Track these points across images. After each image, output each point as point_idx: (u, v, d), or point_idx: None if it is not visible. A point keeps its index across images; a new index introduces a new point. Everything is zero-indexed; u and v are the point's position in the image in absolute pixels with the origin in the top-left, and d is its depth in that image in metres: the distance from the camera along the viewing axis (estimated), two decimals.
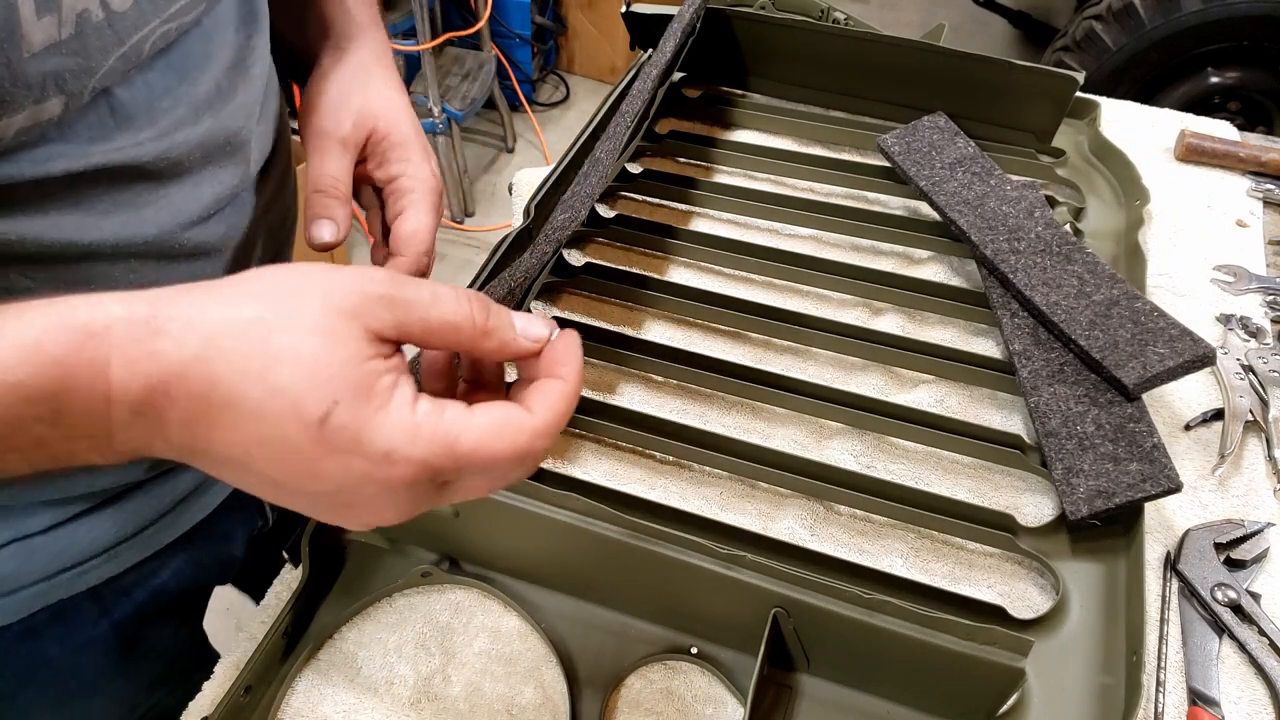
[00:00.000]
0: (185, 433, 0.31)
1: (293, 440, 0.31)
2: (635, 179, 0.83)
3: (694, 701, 0.51)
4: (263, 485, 0.33)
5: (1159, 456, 0.57)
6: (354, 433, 0.31)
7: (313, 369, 0.30)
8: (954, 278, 0.76)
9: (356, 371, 0.31)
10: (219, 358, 0.30)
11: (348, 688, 0.51)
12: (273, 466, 0.31)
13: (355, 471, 0.31)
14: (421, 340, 0.33)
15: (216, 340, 0.30)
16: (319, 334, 0.31)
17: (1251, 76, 1.93)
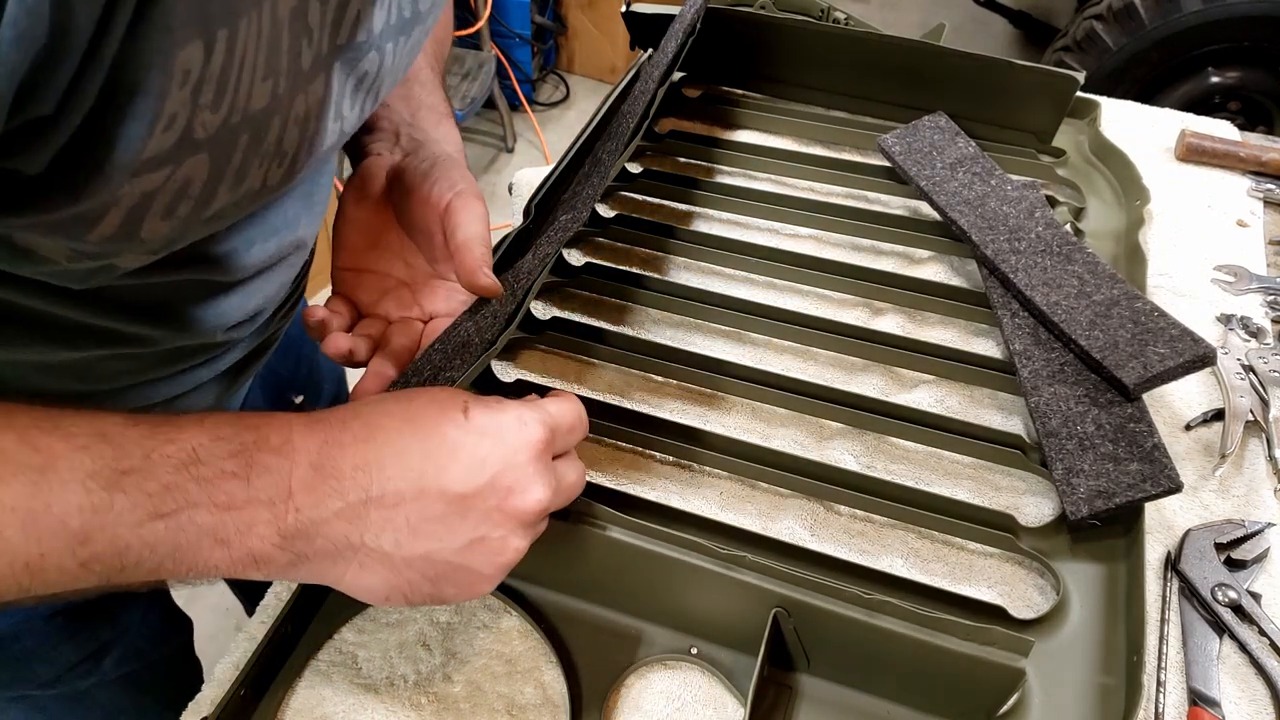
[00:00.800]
0: (359, 479, 0.39)
1: (451, 438, 0.41)
2: (635, 179, 0.83)
3: (694, 702, 0.51)
4: (432, 523, 0.40)
5: (1159, 456, 0.57)
6: (491, 413, 0.42)
7: (438, 394, 0.43)
8: (954, 278, 0.76)
9: (467, 393, 0.43)
10: (370, 410, 0.41)
11: (348, 688, 0.51)
12: (444, 477, 0.40)
13: (505, 444, 0.41)
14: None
15: (363, 406, 0.41)
16: (433, 386, 0.45)
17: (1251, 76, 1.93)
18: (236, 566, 0.36)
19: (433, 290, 0.57)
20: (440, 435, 0.40)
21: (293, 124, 0.42)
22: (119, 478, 0.33)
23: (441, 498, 0.40)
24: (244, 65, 0.36)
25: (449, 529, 0.40)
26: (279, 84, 0.39)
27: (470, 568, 0.42)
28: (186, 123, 0.35)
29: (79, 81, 0.31)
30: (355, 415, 0.40)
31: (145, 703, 0.69)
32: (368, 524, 0.39)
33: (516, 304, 0.63)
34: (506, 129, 2.60)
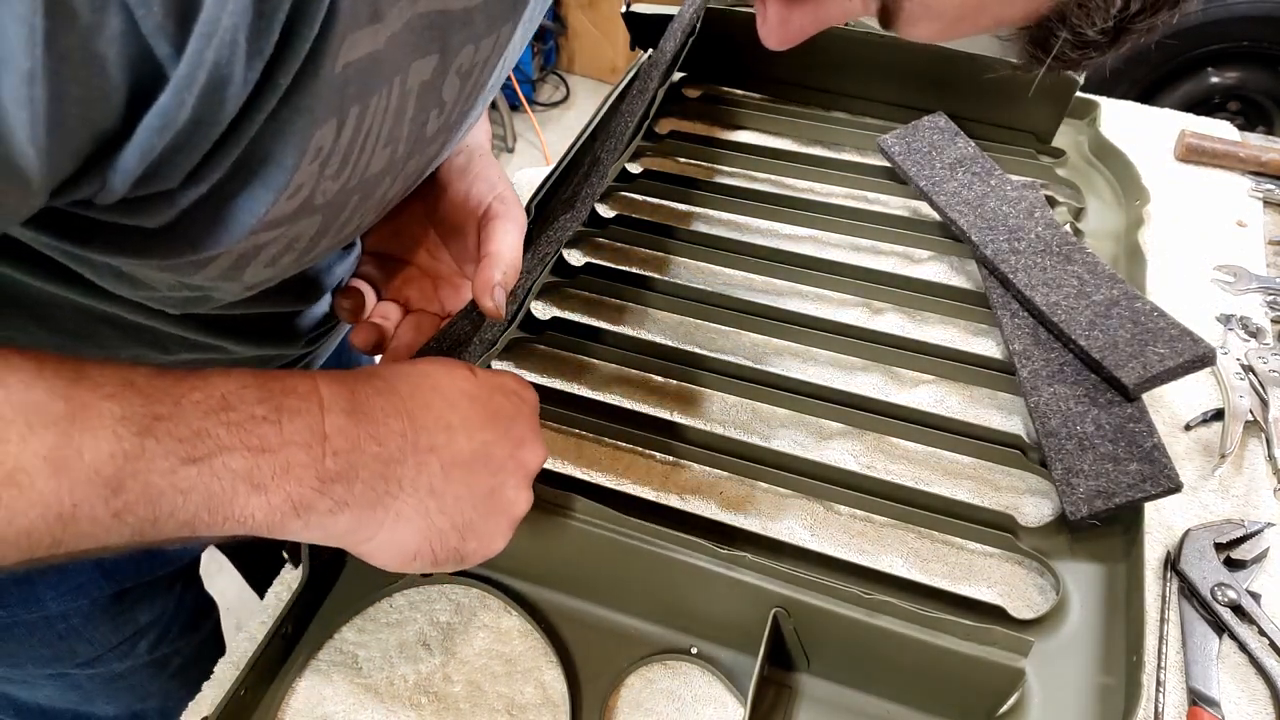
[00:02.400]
0: (394, 424, 0.40)
1: (467, 390, 0.43)
2: (635, 179, 0.83)
3: (694, 701, 0.51)
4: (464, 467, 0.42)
5: (1159, 456, 0.57)
6: (491, 374, 0.46)
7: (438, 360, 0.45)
8: (954, 278, 0.76)
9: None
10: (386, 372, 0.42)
11: (348, 688, 0.51)
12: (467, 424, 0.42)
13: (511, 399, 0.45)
14: None
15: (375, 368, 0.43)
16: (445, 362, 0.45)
17: (1251, 76, 1.93)
18: (275, 515, 0.35)
19: (455, 289, 0.57)
20: (457, 388, 0.43)
21: (401, 180, 0.43)
22: (150, 424, 0.32)
23: (470, 442, 0.42)
24: (369, 137, 0.37)
25: (475, 475, 0.42)
26: (398, 150, 0.40)
27: (490, 519, 0.43)
28: (310, 192, 0.36)
29: (210, 159, 0.31)
30: (373, 374, 0.41)
31: (171, 686, 0.70)
32: (405, 467, 0.39)
33: (517, 304, 0.62)
34: (506, 129, 2.60)
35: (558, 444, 0.63)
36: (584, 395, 0.65)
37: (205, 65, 0.27)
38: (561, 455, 0.62)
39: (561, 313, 0.72)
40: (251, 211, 0.34)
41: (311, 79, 0.31)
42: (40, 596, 0.58)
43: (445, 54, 0.38)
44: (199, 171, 0.31)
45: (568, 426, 0.63)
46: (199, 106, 0.28)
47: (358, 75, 0.33)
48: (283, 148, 0.32)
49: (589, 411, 0.63)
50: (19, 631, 0.60)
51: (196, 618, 0.72)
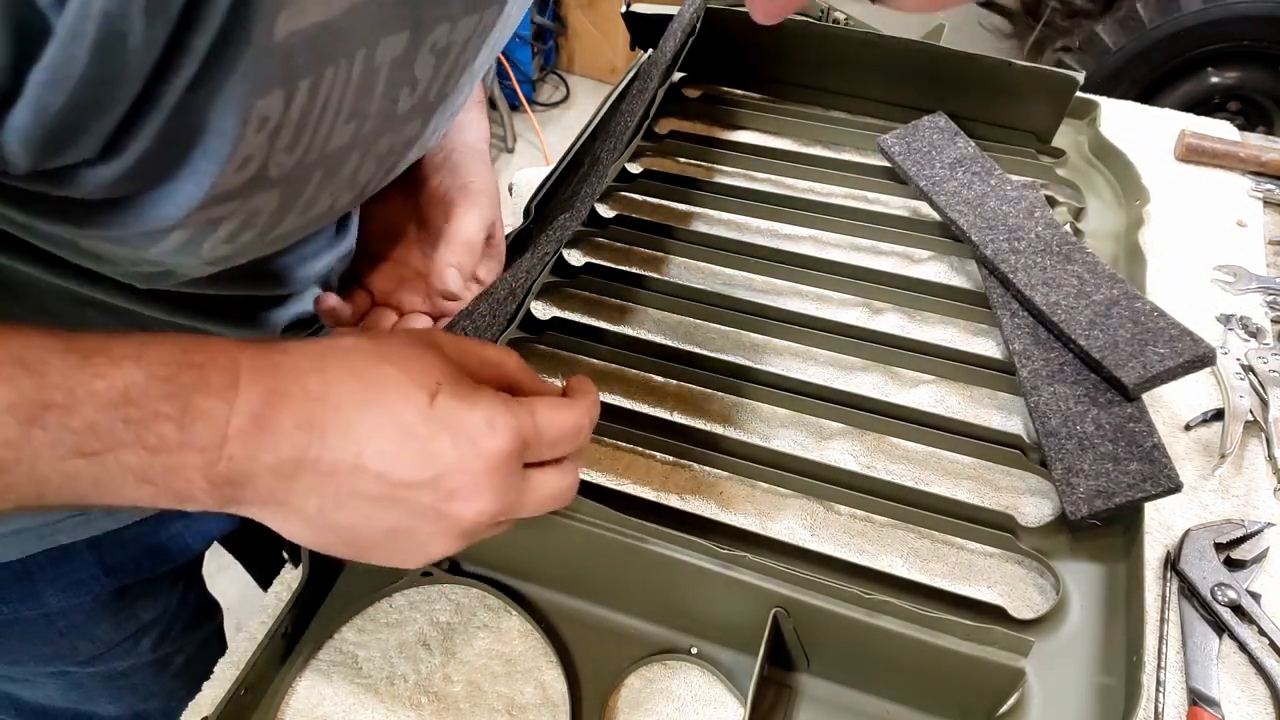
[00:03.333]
0: (299, 439, 0.35)
1: (406, 422, 0.36)
2: (635, 179, 0.83)
3: (694, 701, 0.51)
4: (360, 500, 0.36)
5: (1159, 456, 0.57)
6: (460, 406, 0.36)
7: (414, 365, 0.37)
8: (954, 278, 0.76)
9: (450, 365, 0.38)
10: (334, 365, 0.36)
11: (348, 688, 0.51)
12: (384, 460, 0.36)
13: (463, 444, 0.36)
14: (476, 373, 0.40)
15: (329, 354, 0.37)
16: (413, 345, 0.38)
17: (1251, 76, 1.93)
18: (160, 501, 0.34)
19: None
20: (394, 414, 0.36)
21: (372, 158, 0.42)
22: (39, 412, 0.30)
23: (377, 480, 0.36)
24: (326, 110, 0.35)
25: (376, 511, 0.37)
26: (364, 126, 0.39)
27: (393, 554, 0.39)
28: (261, 164, 0.35)
29: (130, 127, 0.30)
30: (316, 366, 0.36)
31: (174, 686, 0.70)
32: (295, 486, 0.36)
33: (516, 304, 0.62)
34: (506, 129, 2.60)
35: None
36: None
37: (93, 16, 0.26)
38: None
39: (561, 313, 0.72)
40: (196, 183, 0.33)
41: (243, 45, 0.30)
42: (40, 593, 0.58)
43: (417, 31, 0.37)
44: (120, 140, 0.30)
45: None
46: (94, 62, 0.27)
47: (306, 45, 0.32)
48: (219, 117, 0.31)
49: None
50: (20, 628, 0.60)
51: (199, 617, 0.72)
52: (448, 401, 0.36)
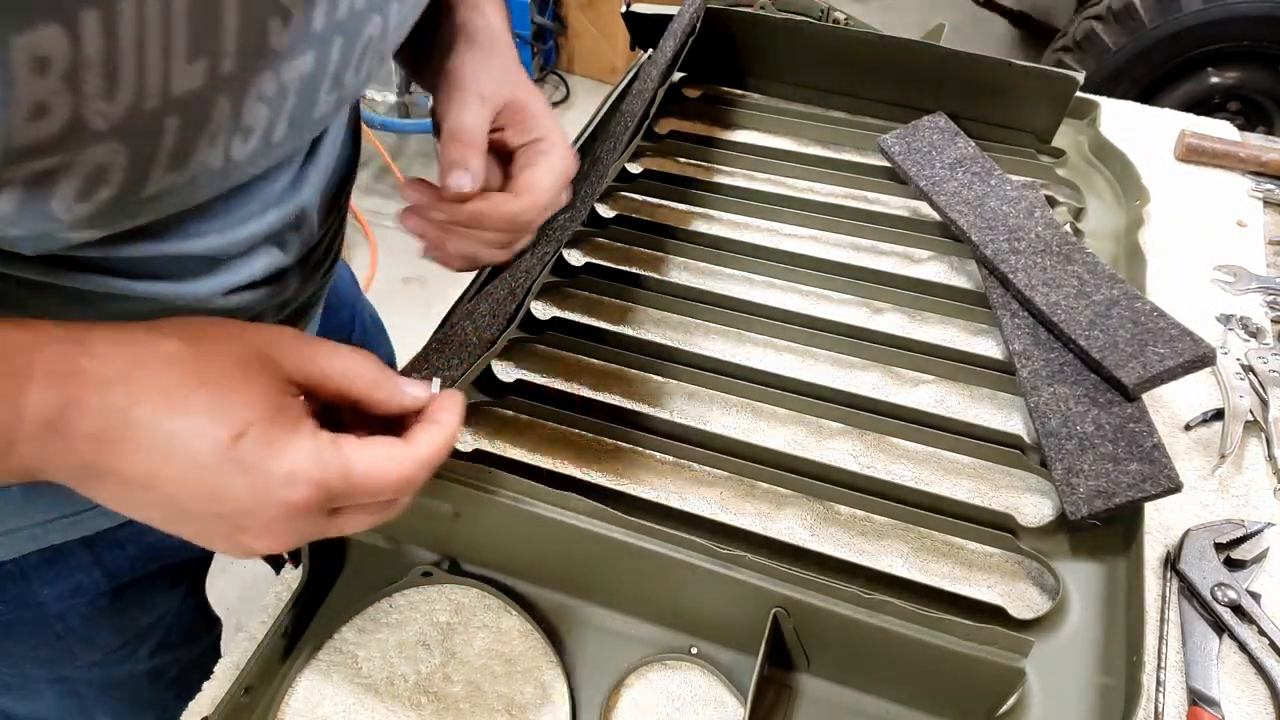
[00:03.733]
0: (91, 448, 0.34)
1: (203, 458, 0.34)
2: (635, 179, 0.83)
3: (694, 701, 0.51)
4: (157, 507, 0.36)
5: (1159, 456, 0.57)
6: (263, 453, 0.34)
7: (231, 395, 0.35)
8: (954, 278, 0.76)
9: (271, 400, 0.35)
10: (142, 380, 0.34)
11: (348, 688, 0.51)
12: (175, 485, 0.34)
13: (258, 491, 0.35)
14: (320, 388, 0.38)
15: (143, 364, 0.34)
16: (240, 367, 0.35)
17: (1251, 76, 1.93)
18: None
19: None
20: (192, 450, 0.34)
21: (258, 101, 0.39)
22: None
23: (168, 503, 0.35)
24: (145, 49, 0.32)
25: (173, 521, 0.36)
26: (219, 64, 0.35)
27: (203, 542, 0.38)
28: (71, 113, 0.32)
29: None
30: (123, 378, 0.34)
31: (167, 699, 0.69)
32: (92, 485, 0.35)
33: (516, 304, 0.62)
34: None
35: (558, 444, 0.63)
36: (584, 395, 0.65)
37: None
38: (561, 455, 0.62)
39: (561, 313, 0.72)
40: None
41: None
42: (36, 594, 0.58)
43: None
44: None
45: (568, 426, 0.63)
46: None
47: None
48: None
49: (589, 411, 0.63)
50: (18, 630, 0.59)
51: (198, 628, 0.71)
52: (252, 447, 0.34)
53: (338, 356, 0.39)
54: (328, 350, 0.39)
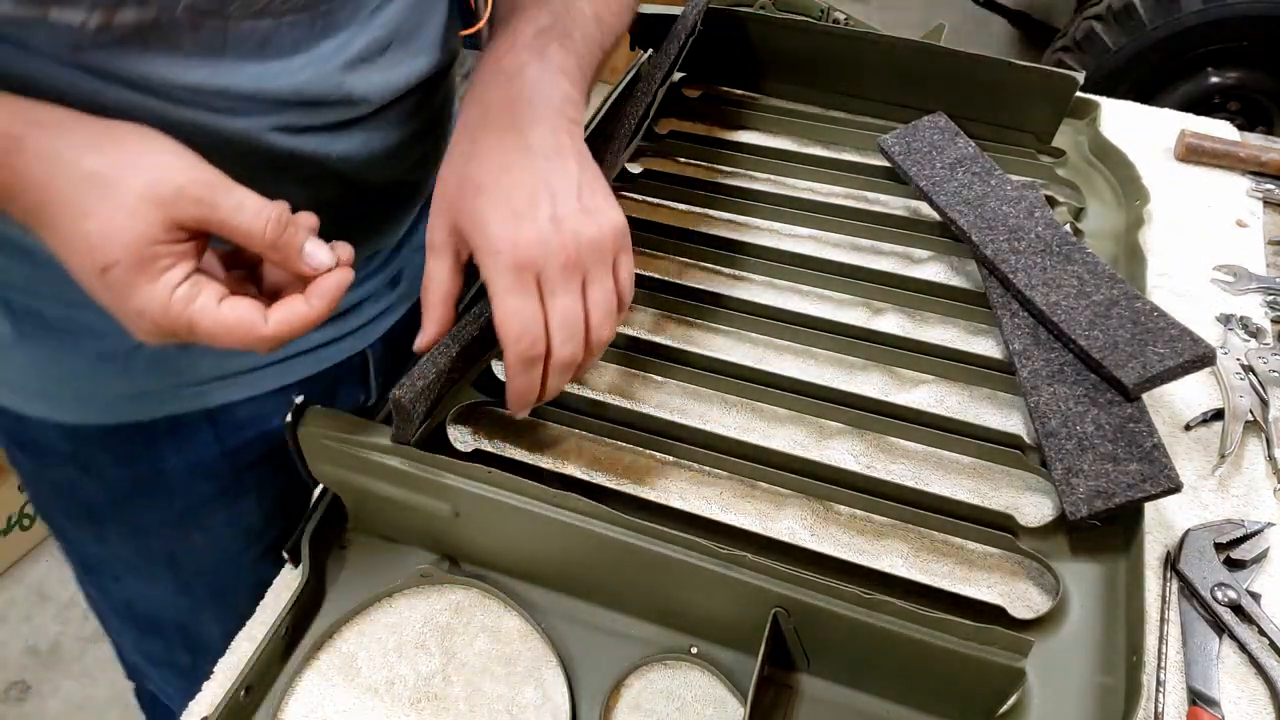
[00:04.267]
0: (28, 216, 0.41)
1: (82, 274, 0.40)
2: (635, 179, 0.83)
3: (694, 701, 0.51)
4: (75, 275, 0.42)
5: (1159, 456, 0.57)
6: (121, 288, 0.40)
7: (111, 234, 0.39)
8: (954, 278, 0.76)
9: (141, 249, 0.39)
10: (57, 189, 0.39)
11: (348, 688, 0.51)
12: (75, 273, 0.41)
13: (117, 312, 0.41)
14: (219, 235, 0.42)
15: (59, 173, 0.39)
16: (128, 211, 0.39)
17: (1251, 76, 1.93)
18: None
19: None
20: (76, 261, 0.40)
21: None
22: None
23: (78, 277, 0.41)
24: None
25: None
26: None
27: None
28: None
29: None
30: (45, 179, 0.40)
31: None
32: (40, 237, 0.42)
33: None
34: None
35: (558, 444, 0.63)
36: (584, 395, 0.65)
37: None
38: (562, 455, 0.62)
39: None
40: None
41: None
42: (163, 461, 0.63)
43: None
44: None
45: (568, 426, 0.63)
46: None
47: None
48: None
49: (589, 411, 0.63)
50: (143, 497, 0.64)
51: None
52: (113, 282, 0.40)
53: (240, 212, 0.41)
54: (232, 205, 0.41)
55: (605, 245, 0.49)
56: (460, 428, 0.63)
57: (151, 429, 0.61)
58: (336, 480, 0.54)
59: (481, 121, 0.51)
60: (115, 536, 0.67)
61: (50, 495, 0.67)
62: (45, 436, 0.62)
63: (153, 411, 0.61)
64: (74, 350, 0.57)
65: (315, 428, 0.51)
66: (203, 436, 0.63)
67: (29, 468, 0.66)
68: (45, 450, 0.63)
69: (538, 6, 0.56)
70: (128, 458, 0.62)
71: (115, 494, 0.64)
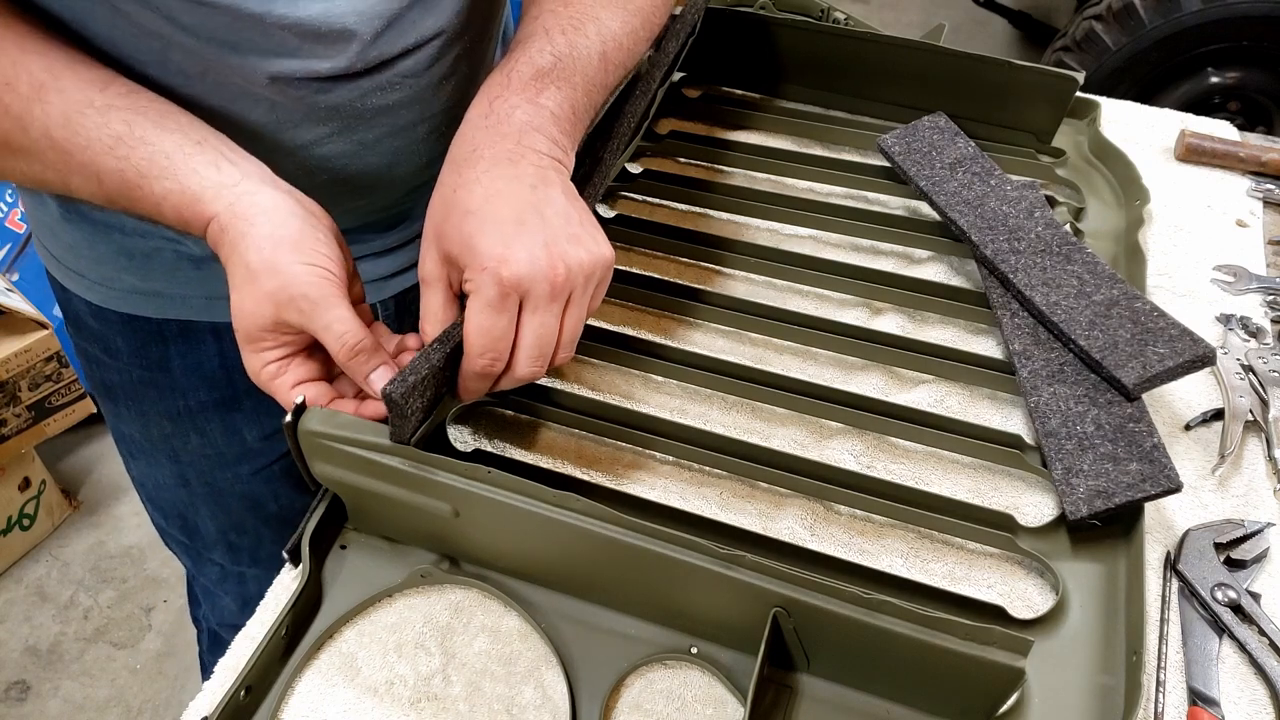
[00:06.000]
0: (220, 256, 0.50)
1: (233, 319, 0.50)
2: (635, 179, 0.83)
3: (694, 701, 0.51)
4: None
5: (1159, 456, 0.57)
6: (239, 343, 0.51)
7: (241, 311, 0.49)
8: (954, 278, 0.76)
9: (251, 330, 0.50)
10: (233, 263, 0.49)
11: (348, 688, 0.51)
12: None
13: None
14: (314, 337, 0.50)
15: (234, 257, 0.49)
16: (254, 301, 0.49)
17: (1251, 76, 1.93)
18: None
19: None
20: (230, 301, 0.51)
21: None
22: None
23: None
24: None
25: None
26: None
27: None
28: None
29: None
30: (233, 248, 0.50)
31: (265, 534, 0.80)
32: None
33: None
34: None
35: (558, 444, 0.63)
36: (584, 394, 0.65)
37: None
38: (562, 455, 0.62)
39: None
40: None
41: None
42: (170, 359, 0.70)
43: None
44: None
45: (568, 426, 0.63)
46: None
47: None
48: None
49: (589, 411, 0.63)
50: (153, 391, 0.72)
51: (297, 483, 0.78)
52: (237, 336, 0.50)
53: (328, 331, 0.49)
54: (323, 324, 0.49)
55: (594, 274, 0.51)
56: (460, 428, 0.63)
57: (162, 328, 0.69)
58: (336, 480, 0.54)
59: (469, 158, 0.52)
60: (128, 417, 0.75)
61: (87, 366, 0.76)
62: (80, 310, 0.71)
63: (164, 311, 0.68)
64: (104, 239, 0.65)
65: (315, 428, 0.51)
66: (207, 348, 0.70)
67: (76, 338, 0.75)
68: (80, 324, 0.72)
69: (543, 41, 0.57)
70: (140, 349, 0.70)
71: (128, 379, 0.72)
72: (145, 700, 1.49)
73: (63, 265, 0.69)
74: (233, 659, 0.52)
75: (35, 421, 1.57)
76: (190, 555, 0.85)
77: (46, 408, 1.57)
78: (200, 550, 0.83)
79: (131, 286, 0.67)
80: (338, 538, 0.57)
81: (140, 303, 0.68)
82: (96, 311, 0.69)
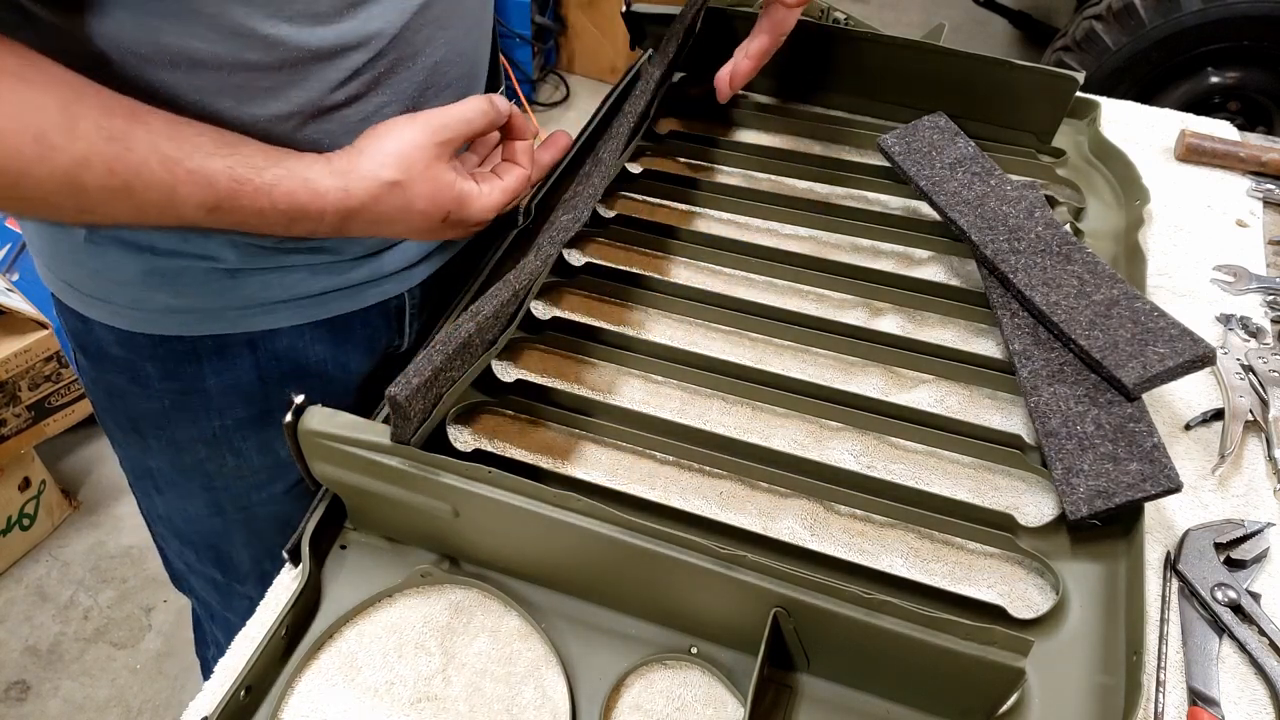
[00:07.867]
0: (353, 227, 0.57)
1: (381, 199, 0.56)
2: (635, 179, 0.83)
3: (694, 701, 0.51)
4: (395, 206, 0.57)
5: (1159, 456, 0.57)
6: (416, 184, 0.57)
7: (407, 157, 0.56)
8: (954, 278, 0.76)
9: (428, 159, 0.57)
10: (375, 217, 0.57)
11: (348, 688, 0.51)
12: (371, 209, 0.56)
13: (406, 214, 0.57)
14: (469, 137, 0.59)
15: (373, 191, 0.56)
16: (412, 144, 0.56)
17: (1251, 76, 1.93)
18: None
19: None
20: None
21: None
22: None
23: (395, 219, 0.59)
24: None
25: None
26: None
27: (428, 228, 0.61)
28: None
29: None
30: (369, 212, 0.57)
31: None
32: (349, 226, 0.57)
33: (517, 304, 0.62)
34: None
35: (558, 444, 0.63)
36: (584, 395, 0.65)
37: None
38: (562, 455, 0.62)
39: (561, 313, 0.72)
40: None
41: None
42: (204, 378, 0.68)
43: None
44: None
45: (568, 426, 0.63)
46: None
47: None
48: None
49: (589, 411, 0.63)
50: (184, 413, 0.69)
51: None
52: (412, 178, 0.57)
53: (466, 111, 0.58)
54: (457, 115, 0.58)
55: None
56: (460, 428, 0.63)
57: (196, 346, 0.67)
58: (336, 480, 0.54)
59: None
60: (157, 449, 0.72)
61: (105, 401, 0.73)
62: (103, 340, 0.68)
63: (197, 329, 0.66)
64: (135, 260, 0.63)
65: (315, 427, 0.51)
66: (242, 361, 0.68)
67: (90, 373, 0.72)
68: (102, 355, 0.69)
69: None
70: (173, 371, 0.68)
71: (159, 406, 0.70)
72: (145, 700, 1.49)
73: (82, 293, 0.66)
74: (233, 659, 0.52)
75: (35, 421, 1.57)
76: (219, 591, 0.82)
77: (46, 408, 1.57)
78: (232, 583, 0.80)
79: (164, 305, 0.65)
80: (338, 538, 0.57)
81: (173, 322, 0.66)
82: (125, 338, 0.67)
